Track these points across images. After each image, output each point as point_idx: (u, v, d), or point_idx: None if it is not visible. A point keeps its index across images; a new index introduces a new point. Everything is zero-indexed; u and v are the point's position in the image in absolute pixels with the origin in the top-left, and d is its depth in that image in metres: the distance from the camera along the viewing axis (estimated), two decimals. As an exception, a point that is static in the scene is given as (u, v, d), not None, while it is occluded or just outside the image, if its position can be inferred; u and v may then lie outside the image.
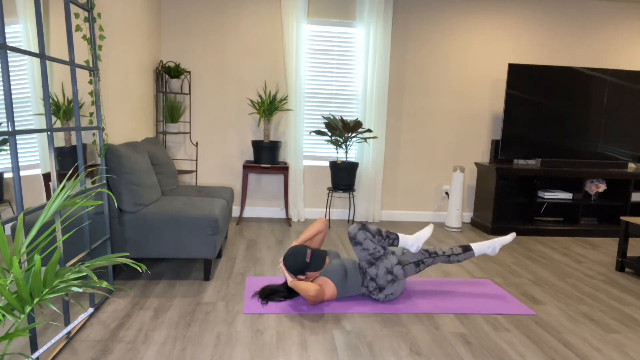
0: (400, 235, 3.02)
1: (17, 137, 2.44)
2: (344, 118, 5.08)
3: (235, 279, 3.33)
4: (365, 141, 5.08)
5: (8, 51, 2.00)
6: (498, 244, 3.17)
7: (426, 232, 3.05)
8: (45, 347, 1.64)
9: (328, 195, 5.23)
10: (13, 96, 2.38)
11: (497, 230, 4.97)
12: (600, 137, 5.18)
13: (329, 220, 5.05)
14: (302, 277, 2.92)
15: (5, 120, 2.07)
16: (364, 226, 2.97)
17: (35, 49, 2.53)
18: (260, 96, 4.88)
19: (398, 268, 2.97)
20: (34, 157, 2.65)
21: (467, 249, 3.13)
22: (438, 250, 3.12)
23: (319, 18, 5.07)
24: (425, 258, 3.07)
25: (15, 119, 2.13)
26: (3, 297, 1.41)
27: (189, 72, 5.00)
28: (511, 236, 3.18)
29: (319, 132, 4.86)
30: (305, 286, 2.82)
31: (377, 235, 2.97)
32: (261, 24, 5.03)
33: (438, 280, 3.49)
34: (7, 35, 2.24)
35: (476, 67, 5.33)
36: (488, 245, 3.15)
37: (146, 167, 3.43)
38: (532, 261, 4.08)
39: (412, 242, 3.02)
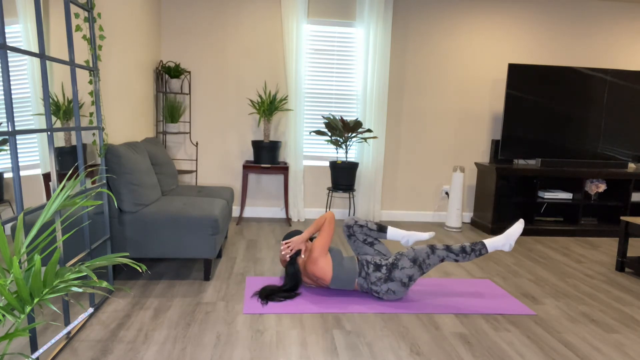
0: (487, 243, 3.02)
1: (17, 137, 2.44)
2: (344, 118, 5.08)
3: (235, 279, 3.33)
4: (365, 141, 5.08)
5: (8, 51, 2.00)
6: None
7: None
8: (45, 347, 1.64)
9: (328, 195, 5.23)
10: (13, 96, 2.38)
11: (497, 230, 4.97)
12: (600, 137, 5.17)
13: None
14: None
15: (5, 120, 2.07)
16: (449, 248, 3.01)
17: (35, 49, 2.53)
18: (260, 96, 4.88)
19: (414, 283, 3.10)
20: (34, 157, 2.65)
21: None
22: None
23: (319, 18, 5.07)
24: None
25: (15, 119, 2.13)
26: (3, 297, 1.41)
27: (189, 72, 5.00)
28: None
29: (319, 132, 4.86)
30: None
31: (460, 252, 2.99)
32: (261, 24, 5.03)
33: (438, 280, 3.49)
34: (7, 35, 2.24)
35: (476, 67, 5.33)
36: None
37: (146, 167, 3.43)
38: (532, 261, 4.08)
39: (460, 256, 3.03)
